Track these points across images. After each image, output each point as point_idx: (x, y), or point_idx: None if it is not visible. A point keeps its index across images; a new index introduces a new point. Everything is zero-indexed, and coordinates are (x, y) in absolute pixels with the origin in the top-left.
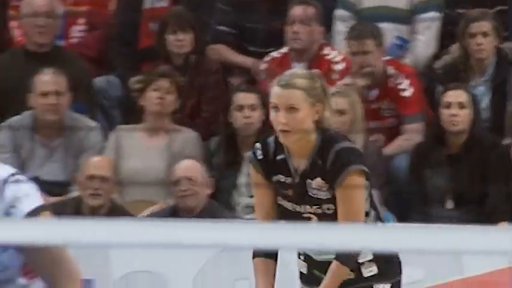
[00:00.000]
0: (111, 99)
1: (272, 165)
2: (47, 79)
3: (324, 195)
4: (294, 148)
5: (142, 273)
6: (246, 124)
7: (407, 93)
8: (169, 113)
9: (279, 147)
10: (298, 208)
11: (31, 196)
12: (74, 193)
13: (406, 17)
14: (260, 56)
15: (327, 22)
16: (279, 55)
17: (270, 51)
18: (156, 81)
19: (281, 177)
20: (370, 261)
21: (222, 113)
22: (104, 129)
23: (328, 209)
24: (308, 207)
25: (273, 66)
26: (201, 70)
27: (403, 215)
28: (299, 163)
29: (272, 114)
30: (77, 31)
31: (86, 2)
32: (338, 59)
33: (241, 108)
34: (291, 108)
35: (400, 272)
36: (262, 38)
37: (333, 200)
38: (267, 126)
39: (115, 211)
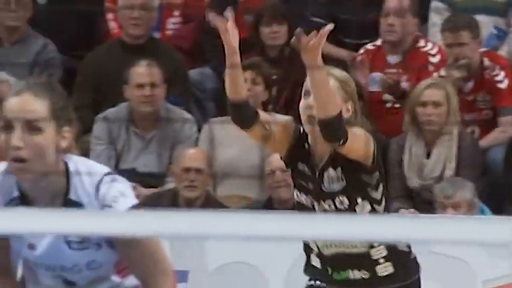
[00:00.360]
0: (205, 91)
1: (302, 151)
2: (143, 71)
3: (336, 187)
4: (316, 143)
5: (237, 265)
6: None
7: (503, 85)
8: (258, 104)
9: (307, 137)
10: (315, 204)
11: (126, 195)
12: (170, 185)
13: (502, 10)
14: (355, 47)
15: (422, 14)
16: (373, 47)
17: (365, 43)
18: None
19: (305, 168)
20: (384, 258)
21: None
22: (198, 122)
23: (341, 202)
24: (323, 203)
25: (367, 59)
26: (296, 62)
27: (498, 207)
28: (321, 158)
29: (302, 101)
30: (172, 23)
31: None
32: (433, 51)
33: None
34: None
35: (418, 269)
36: (357, 30)
37: (345, 191)
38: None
39: (210, 203)
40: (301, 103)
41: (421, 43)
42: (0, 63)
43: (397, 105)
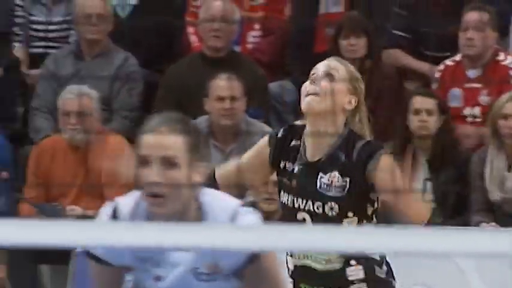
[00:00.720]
0: (285, 104)
1: (286, 149)
2: (223, 84)
3: (333, 192)
4: (314, 128)
5: None
6: (421, 128)
7: None
8: None
9: (297, 132)
10: (298, 203)
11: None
12: (249, 198)
13: None
14: (435, 60)
15: (503, 27)
16: (452, 63)
17: (446, 56)
18: None
19: (289, 165)
20: (360, 280)
21: (399, 118)
22: None
23: (331, 208)
24: (310, 203)
25: (446, 75)
26: (376, 75)
27: None
28: (314, 152)
29: (306, 83)
30: (252, 36)
31: (262, 7)
32: None
33: (417, 112)
34: (329, 76)
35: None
36: (438, 42)
37: (342, 200)
38: (443, 133)
39: None
40: (304, 84)
41: (501, 57)
42: (81, 77)
43: (478, 120)
